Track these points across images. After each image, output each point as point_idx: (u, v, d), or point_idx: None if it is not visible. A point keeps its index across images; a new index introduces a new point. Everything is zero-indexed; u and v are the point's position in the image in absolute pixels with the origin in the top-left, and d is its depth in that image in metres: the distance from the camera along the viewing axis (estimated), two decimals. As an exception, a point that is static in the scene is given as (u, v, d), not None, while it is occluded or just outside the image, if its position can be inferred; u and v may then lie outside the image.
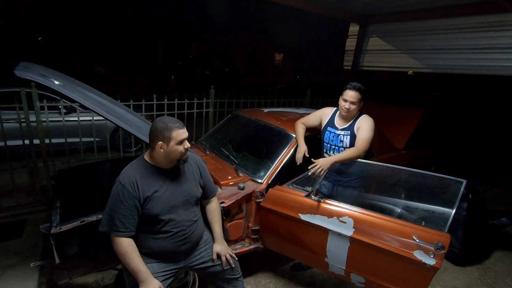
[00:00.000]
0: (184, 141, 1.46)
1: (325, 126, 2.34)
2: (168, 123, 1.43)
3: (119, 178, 1.44)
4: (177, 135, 1.43)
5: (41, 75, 1.57)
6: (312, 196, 1.93)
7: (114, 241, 1.42)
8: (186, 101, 3.81)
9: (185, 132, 1.46)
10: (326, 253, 1.91)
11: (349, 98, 2.13)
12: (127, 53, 22.12)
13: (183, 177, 1.57)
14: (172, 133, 1.41)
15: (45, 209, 3.10)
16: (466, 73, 4.37)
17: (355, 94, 2.12)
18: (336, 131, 2.26)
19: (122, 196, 1.39)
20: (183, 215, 1.55)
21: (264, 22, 23.21)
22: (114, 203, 1.41)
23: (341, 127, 2.26)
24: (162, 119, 1.45)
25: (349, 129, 2.22)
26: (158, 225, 1.49)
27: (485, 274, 2.72)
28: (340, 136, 2.24)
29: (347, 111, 2.16)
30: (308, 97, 5.12)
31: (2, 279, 2.19)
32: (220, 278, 1.73)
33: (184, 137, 1.45)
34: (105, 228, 1.42)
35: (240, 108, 4.20)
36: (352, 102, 2.13)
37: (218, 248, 1.71)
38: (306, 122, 2.44)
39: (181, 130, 1.45)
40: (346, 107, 2.15)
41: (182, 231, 1.54)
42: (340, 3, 4.84)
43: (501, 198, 4.49)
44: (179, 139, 1.43)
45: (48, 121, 3.07)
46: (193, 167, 1.65)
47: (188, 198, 1.56)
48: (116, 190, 1.42)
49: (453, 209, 1.69)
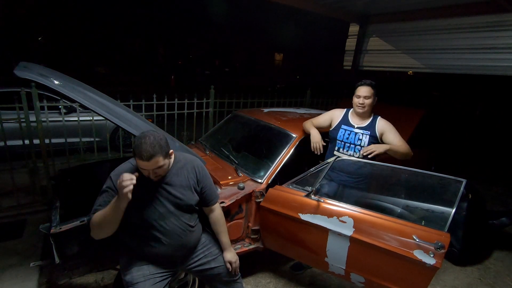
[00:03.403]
0: (146, 170, 1.35)
1: (338, 124, 2.31)
2: (137, 147, 1.31)
3: (111, 173, 1.46)
4: (139, 163, 1.34)
5: (41, 75, 1.57)
6: (312, 196, 1.93)
7: (89, 226, 1.41)
8: (186, 101, 3.81)
9: (148, 165, 1.32)
10: (326, 253, 1.91)
11: (362, 93, 2.15)
12: (127, 53, 22.11)
13: (175, 183, 1.50)
14: (136, 157, 1.34)
15: (45, 209, 3.10)
16: (466, 73, 4.38)
17: (367, 88, 2.15)
18: (353, 129, 2.23)
19: (106, 189, 1.43)
20: (176, 222, 1.50)
21: (264, 22, 23.19)
22: (100, 194, 1.44)
23: (358, 125, 2.24)
24: (141, 138, 1.32)
25: (369, 129, 2.20)
26: (150, 230, 1.47)
27: (485, 274, 2.72)
28: (358, 135, 2.21)
29: (362, 107, 2.17)
30: (308, 97, 5.13)
31: (2, 279, 2.19)
32: (219, 280, 1.72)
33: (144, 167, 1.34)
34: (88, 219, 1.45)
35: (240, 108, 4.20)
36: (365, 96, 2.15)
37: (229, 256, 1.70)
38: (315, 121, 2.42)
39: (142, 162, 1.31)
40: (360, 102, 2.16)
41: (176, 237, 1.50)
42: (340, 3, 4.84)
43: (501, 198, 4.49)
44: (140, 167, 1.35)
45: (48, 121, 3.07)
46: (189, 172, 1.56)
47: (180, 205, 1.50)
48: (105, 184, 1.45)
49: (453, 208, 1.69)
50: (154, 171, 1.37)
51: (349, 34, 5.97)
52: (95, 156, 3.61)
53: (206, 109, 4.10)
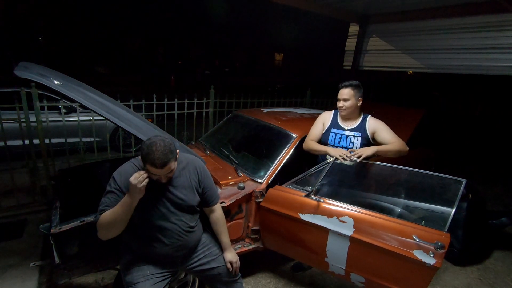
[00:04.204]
0: (157, 175, 1.36)
1: (328, 128, 2.26)
2: (148, 154, 1.30)
3: (113, 173, 1.46)
4: (150, 170, 1.33)
5: (41, 75, 1.57)
6: (312, 196, 1.92)
7: (97, 227, 1.40)
8: (186, 101, 3.81)
9: (161, 172, 1.34)
10: (326, 253, 1.91)
11: (341, 96, 2.13)
12: (127, 53, 22.13)
13: (177, 184, 1.51)
14: (146, 165, 1.33)
15: (45, 209, 3.10)
16: (466, 73, 4.37)
17: (346, 90, 2.12)
18: (344, 132, 2.19)
19: (109, 189, 1.42)
20: (178, 223, 1.51)
21: (264, 22, 23.21)
22: (104, 195, 1.43)
23: (348, 128, 2.19)
24: (151, 145, 1.31)
25: (360, 130, 2.15)
26: (151, 231, 1.48)
27: (485, 274, 2.72)
28: (350, 137, 2.16)
29: (342, 109, 2.15)
30: (308, 97, 5.13)
31: (2, 279, 2.19)
32: (219, 280, 1.72)
33: (156, 173, 1.34)
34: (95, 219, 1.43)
35: (240, 108, 4.20)
36: (344, 99, 2.12)
37: (230, 256, 1.70)
38: (313, 136, 2.29)
39: (155, 169, 1.32)
40: (340, 105, 2.15)
41: (176, 238, 1.51)
42: (340, 3, 4.84)
43: (501, 198, 4.49)
44: (151, 172, 1.34)
45: (48, 121, 3.07)
46: (191, 173, 1.57)
47: (182, 205, 1.51)
48: (108, 184, 1.45)
49: (453, 208, 1.69)
50: (166, 176, 1.40)
51: (349, 34, 5.97)
52: (95, 156, 3.61)
53: (206, 109, 4.10)
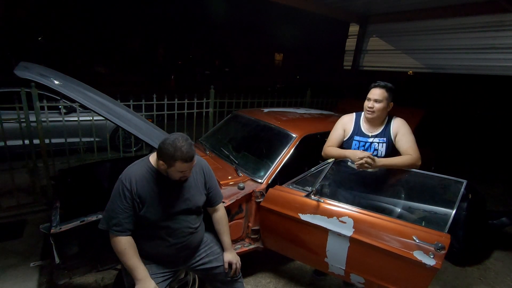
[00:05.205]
0: (185, 171, 1.39)
1: (351, 136, 2.07)
2: (177, 151, 1.31)
3: (120, 176, 1.44)
4: (180, 167, 1.35)
5: (41, 75, 1.57)
6: (312, 196, 1.92)
7: (112, 239, 1.41)
8: (186, 101, 3.80)
9: (189, 166, 1.38)
10: (326, 253, 1.91)
11: (373, 96, 1.92)
12: (127, 53, 22.13)
13: (186, 185, 1.52)
14: (176, 162, 1.34)
15: (45, 209, 3.10)
16: (466, 73, 4.38)
17: (379, 91, 1.91)
18: (368, 139, 2.00)
19: (121, 195, 1.39)
20: (183, 223, 1.52)
21: (264, 22, 23.21)
22: (114, 201, 1.41)
23: (372, 134, 2.01)
24: (175, 142, 1.33)
25: (384, 135, 1.98)
26: (156, 230, 1.48)
27: (485, 274, 2.72)
28: (374, 144, 1.98)
29: (371, 111, 1.93)
30: (308, 97, 5.13)
31: (2, 279, 2.19)
32: (220, 280, 1.72)
33: (184, 169, 1.37)
34: (104, 226, 1.42)
35: (240, 108, 4.20)
36: (375, 100, 1.91)
37: (230, 256, 1.70)
38: (332, 142, 2.11)
39: (186, 164, 1.34)
40: (370, 106, 1.93)
41: (181, 238, 1.52)
42: (340, 3, 4.84)
43: (501, 198, 4.49)
44: (180, 170, 1.37)
45: (48, 121, 3.07)
46: (197, 173, 1.59)
47: (189, 206, 1.53)
48: (117, 188, 1.42)
49: (453, 209, 1.69)
50: (190, 170, 1.42)
51: (349, 34, 5.98)
52: (95, 156, 3.61)
53: (206, 109, 4.10)
